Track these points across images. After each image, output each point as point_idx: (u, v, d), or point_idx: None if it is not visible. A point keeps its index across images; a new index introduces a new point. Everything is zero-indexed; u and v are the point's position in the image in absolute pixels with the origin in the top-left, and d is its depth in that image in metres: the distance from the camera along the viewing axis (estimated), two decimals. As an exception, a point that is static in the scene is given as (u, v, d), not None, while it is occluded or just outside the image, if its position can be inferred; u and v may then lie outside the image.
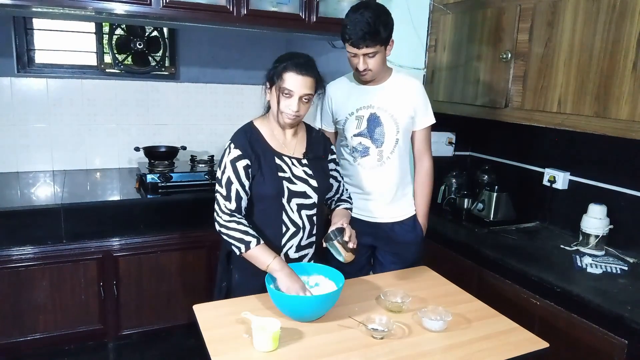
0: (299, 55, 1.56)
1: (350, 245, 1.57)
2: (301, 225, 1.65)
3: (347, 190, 1.86)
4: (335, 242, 1.56)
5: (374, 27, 1.68)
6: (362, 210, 1.96)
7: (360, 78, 1.87)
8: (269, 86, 1.59)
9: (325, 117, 2.01)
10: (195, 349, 2.46)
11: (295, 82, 1.51)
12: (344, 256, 1.58)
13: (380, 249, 2.01)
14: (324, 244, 1.60)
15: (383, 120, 1.87)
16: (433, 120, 1.95)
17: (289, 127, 1.64)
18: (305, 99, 1.55)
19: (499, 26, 2.27)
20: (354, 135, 1.90)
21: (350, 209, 1.82)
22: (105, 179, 2.83)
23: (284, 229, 1.62)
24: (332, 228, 1.61)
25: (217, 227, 1.57)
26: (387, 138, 1.87)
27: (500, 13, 2.26)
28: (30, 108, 2.78)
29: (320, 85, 1.59)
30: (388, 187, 1.92)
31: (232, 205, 1.55)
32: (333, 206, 1.81)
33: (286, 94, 1.53)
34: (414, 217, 1.99)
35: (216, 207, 1.57)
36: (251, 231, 1.54)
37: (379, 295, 1.57)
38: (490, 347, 1.36)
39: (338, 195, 1.82)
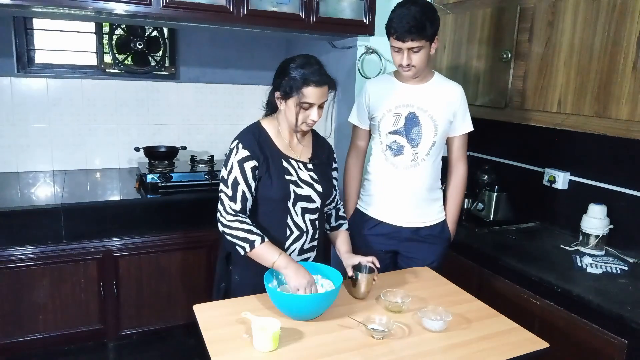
0: (310, 62, 1.53)
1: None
2: (304, 229, 1.64)
3: (340, 202, 1.86)
4: (366, 275, 1.57)
5: (420, 21, 1.69)
6: (387, 214, 1.94)
7: (403, 74, 1.84)
8: (282, 96, 1.55)
9: (361, 113, 2.00)
10: (195, 349, 2.48)
11: (315, 94, 1.51)
12: (363, 292, 1.57)
13: (402, 254, 1.98)
14: (351, 272, 1.59)
15: (422, 120, 1.84)
16: (471, 128, 1.93)
17: (302, 133, 1.65)
18: (321, 105, 1.56)
19: (499, 26, 2.27)
20: (389, 133, 1.88)
21: (348, 229, 1.82)
22: (105, 179, 2.83)
23: (288, 232, 1.62)
24: (364, 262, 1.62)
25: (221, 228, 1.56)
26: (424, 139, 1.85)
27: (500, 13, 2.26)
28: (30, 108, 2.78)
29: (332, 88, 1.58)
30: (419, 189, 1.89)
31: (237, 206, 1.55)
32: (333, 223, 1.80)
33: (306, 107, 1.53)
34: (443, 222, 1.97)
35: (220, 207, 1.56)
36: (255, 230, 1.53)
37: (379, 295, 1.57)
38: (490, 347, 1.36)
39: (334, 204, 1.82)
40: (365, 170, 2.06)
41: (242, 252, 1.53)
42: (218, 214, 1.57)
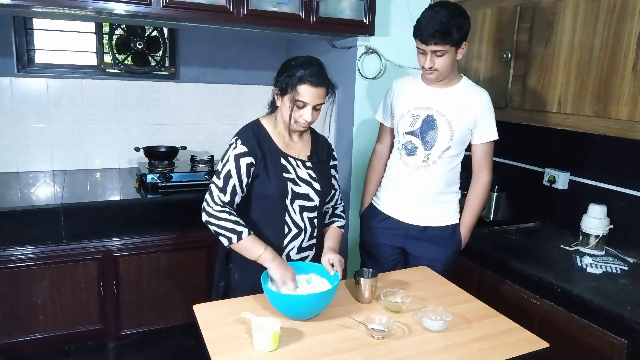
0: (310, 62, 1.54)
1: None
2: (302, 227, 1.65)
3: (341, 201, 1.85)
4: (369, 280, 1.55)
5: (447, 26, 1.68)
6: (395, 210, 1.96)
7: (426, 77, 1.85)
8: (279, 93, 1.57)
9: (386, 110, 2.03)
10: (195, 349, 2.48)
11: (309, 94, 1.51)
12: (367, 297, 1.57)
13: (409, 252, 1.99)
14: (327, 264, 1.59)
15: (439, 124, 1.84)
16: (495, 136, 1.89)
17: (299, 134, 1.65)
18: (317, 107, 1.56)
19: (499, 26, 2.27)
20: (406, 133, 1.90)
21: (342, 226, 1.80)
22: (105, 179, 2.83)
23: (286, 230, 1.62)
24: (324, 261, 1.61)
25: (206, 217, 1.55)
26: (439, 143, 1.84)
27: (500, 13, 2.26)
28: (30, 108, 2.78)
29: (331, 92, 1.59)
30: (428, 191, 1.89)
31: (226, 198, 1.55)
32: (327, 220, 1.79)
33: (300, 105, 1.53)
34: (455, 226, 1.95)
35: (208, 197, 1.56)
36: (242, 222, 1.53)
37: (379, 295, 1.57)
38: (490, 347, 1.36)
39: (332, 204, 1.81)
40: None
41: (227, 243, 1.52)
42: (204, 204, 1.56)
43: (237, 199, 1.59)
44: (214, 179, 1.58)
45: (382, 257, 2.00)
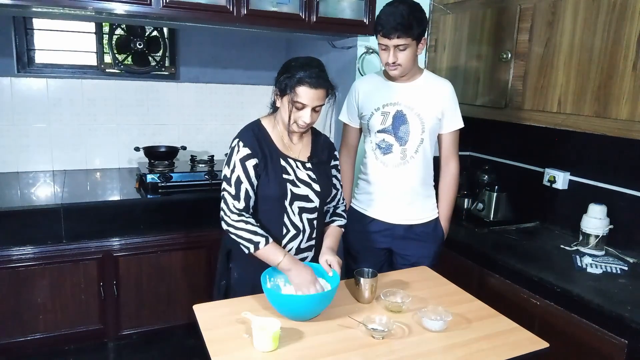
0: (311, 63, 1.53)
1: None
2: (301, 228, 1.64)
3: (343, 201, 1.85)
4: (369, 280, 1.56)
5: (407, 20, 1.71)
6: (380, 211, 1.95)
7: (389, 72, 1.86)
8: (279, 93, 1.57)
9: (351, 111, 2.02)
10: (195, 349, 2.47)
11: (308, 95, 1.51)
12: (367, 297, 1.57)
13: (397, 252, 1.99)
14: (326, 266, 1.59)
15: (409, 118, 1.86)
16: (461, 124, 1.94)
17: (299, 135, 1.65)
18: (317, 109, 1.56)
19: (499, 26, 2.27)
20: (378, 132, 1.90)
21: (343, 226, 1.79)
22: (105, 179, 2.83)
23: (285, 230, 1.62)
24: (322, 261, 1.61)
25: (225, 227, 1.56)
26: (412, 137, 1.86)
27: (500, 13, 2.26)
28: (30, 108, 2.78)
29: (331, 93, 1.59)
30: (409, 187, 1.90)
31: (241, 205, 1.55)
32: (327, 219, 1.79)
33: (299, 107, 1.53)
34: (436, 220, 1.98)
35: (223, 205, 1.56)
36: (260, 230, 1.53)
37: (379, 295, 1.57)
38: (490, 347, 1.36)
39: (334, 204, 1.81)
40: (359, 169, 2.07)
41: (247, 252, 1.54)
42: (222, 213, 1.57)
43: (252, 202, 1.58)
44: (225, 186, 1.57)
45: (369, 260, 1.98)
